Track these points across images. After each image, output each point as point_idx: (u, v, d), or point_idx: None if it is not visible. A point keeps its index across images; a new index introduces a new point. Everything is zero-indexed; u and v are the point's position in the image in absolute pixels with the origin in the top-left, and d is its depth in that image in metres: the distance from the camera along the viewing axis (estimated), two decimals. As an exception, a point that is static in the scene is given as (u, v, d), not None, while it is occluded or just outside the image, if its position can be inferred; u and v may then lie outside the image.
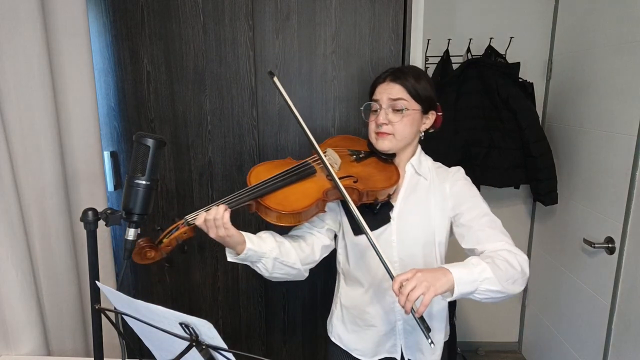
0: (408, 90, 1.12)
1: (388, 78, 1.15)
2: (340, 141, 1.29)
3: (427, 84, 1.16)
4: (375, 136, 1.16)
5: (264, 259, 1.07)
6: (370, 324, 1.24)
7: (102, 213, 0.92)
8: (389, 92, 1.13)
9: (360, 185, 1.11)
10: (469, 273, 0.94)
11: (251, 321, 1.77)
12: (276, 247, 1.08)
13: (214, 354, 0.74)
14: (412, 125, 1.14)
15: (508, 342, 2.70)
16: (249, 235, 1.06)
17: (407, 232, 1.17)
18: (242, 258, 1.05)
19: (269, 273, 1.10)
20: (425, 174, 1.19)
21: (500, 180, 2.21)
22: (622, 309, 1.69)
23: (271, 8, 1.52)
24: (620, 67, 1.73)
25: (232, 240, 1.02)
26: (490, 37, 2.25)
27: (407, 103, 1.12)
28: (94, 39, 1.52)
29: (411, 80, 1.13)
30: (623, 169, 1.67)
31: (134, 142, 0.92)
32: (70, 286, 1.36)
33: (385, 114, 1.13)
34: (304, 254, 1.14)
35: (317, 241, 1.18)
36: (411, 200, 1.18)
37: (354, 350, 1.28)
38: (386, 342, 1.25)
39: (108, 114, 1.61)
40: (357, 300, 1.25)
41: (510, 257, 1.02)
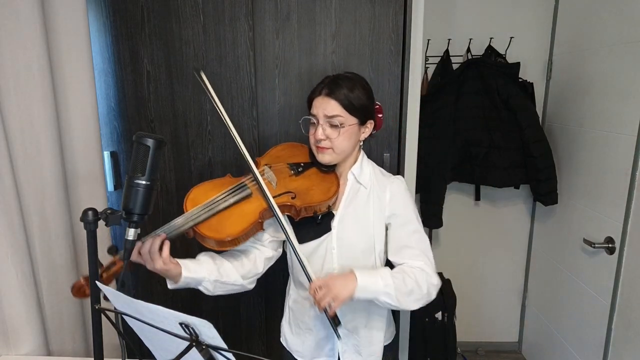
0: (343, 105, 1.11)
1: (323, 92, 1.12)
2: (281, 152, 1.28)
3: (363, 92, 1.14)
4: (316, 150, 1.17)
5: (204, 282, 1.08)
6: (308, 328, 1.27)
7: (102, 213, 0.92)
8: (324, 108, 1.12)
9: (298, 201, 1.13)
10: (374, 284, 1.06)
11: (251, 321, 1.77)
12: (215, 269, 1.09)
13: (214, 354, 0.74)
14: (350, 138, 1.14)
15: (508, 342, 2.70)
16: (186, 262, 1.06)
17: (347, 240, 1.19)
18: (180, 285, 1.06)
19: (211, 293, 1.11)
20: (365, 183, 1.20)
21: (500, 180, 2.21)
22: (622, 309, 1.69)
23: (271, 8, 1.52)
24: (620, 67, 1.73)
25: (170, 273, 1.02)
26: (490, 37, 2.25)
27: (343, 119, 1.11)
28: (94, 39, 1.52)
29: (346, 92, 1.11)
30: (623, 169, 1.67)
31: (134, 142, 0.92)
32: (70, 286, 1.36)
33: (322, 130, 1.13)
34: (244, 270, 1.15)
35: (260, 254, 1.20)
36: (351, 208, 1.20)
37: (295, 352, 1.32)
38: (325, 345, 1.28)
39: (108, 114, 1.61)
40: (301, 302, 1.28)
41: (421, 279, 1.11)
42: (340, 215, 1.20)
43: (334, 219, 1.19)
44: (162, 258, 1.00)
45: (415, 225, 1.18)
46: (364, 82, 1.17)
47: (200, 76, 1.13)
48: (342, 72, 1.18)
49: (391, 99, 1.57)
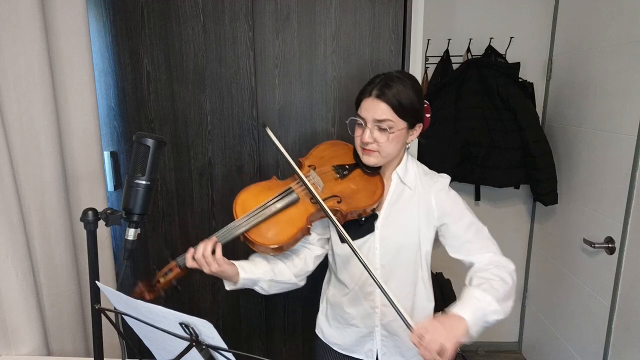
0: (394, 109, 1.07)
1: (374, 93, 1.08)
2: (324, 151, 1.26)
3: (414, 94, 1.10)
4: (362, 151, 1.15)
5: (260, 282, 1.13)
6: (351, 324, 1.27)
7: (102, 213, 0.92)
8: (374, 112, 1.08)
9: (344, 205, 1.13)
10: (481, 311, 0.99)
11: (251, 321, 1.77)
12: (269, 269, 1.14)
13: (214, 354, 0.74)
14: (397, 143, 1.12)
15: (508, 342, 2.70)
16: (242, 264, 1.11)
17: (390, 240, 1.18)
18: (238, 286, 1.12)
19: (266, 292, 1.16)
20: (410, 183, 1.18)
21: (500, 180, 2.21)
22: (622, 309, 1.69)
23: (271, 8, 1.52)
24: (620, 67, 1.73)
25: (227, 274, 1.07)
26: (490, 37, 2.26)
27: (392, 123, 1.08)
28: (94, 39, 1.52)
29: (397, 95, 1.07)
30: (623, 169, 1.67)
31: (133, 142, 0.92)
32: (70, 286, 1.36)
33: (370, 133, 1.10)
34: (296, 269, 1.18)
35: (310, 253, 1.22)
36: (395, 209, 1.19)
37: (334, 344, 1.32)
38: (364, 344, 1.28)
39: (108, 114, 1.61)
40: (340, 299, 1.28)
41: (503, 273, 1.07)
42: (384, 216, 1.18)
43: (377, 219, 1.18)
44: (216, 260, 1.04)
45: (469, 218, 1.15)
46: (415, 82, 1.13)
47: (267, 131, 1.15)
48: (392, 72, 1.13)
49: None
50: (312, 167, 1.20)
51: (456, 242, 1.16)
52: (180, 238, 1.69)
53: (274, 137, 1.14)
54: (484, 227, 1.16)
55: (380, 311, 1.22)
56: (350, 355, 1.31)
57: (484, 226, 1.16)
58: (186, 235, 1.69)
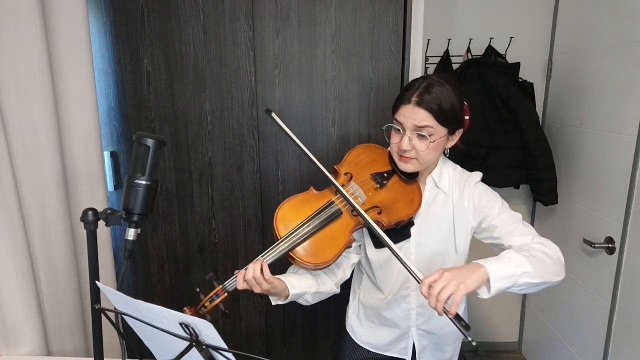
0: (435, 117, 1.03)
1: (414, 100, 1.03)
2: (359, 157, 1.22)
3: (457, 101, 1.06)
4: (399, 158, 1.12)
5: (306, 295, 1.14)
6: (385, 325, 1.27)
7: (102, 213, 0.92)
8: (413, 118, 1.03)
9: (385, 217, 1.11)
10: (505, 267, 0.90)
11: (251, 321, 1.77)
12: (314, 282, 1.15)
13: (214, 354, 0.74)
14: (437, 150, 1.09)
15: (508, 342, 2.70)
16: (288, 279, 1.10)
17: (425, 245, 1.17)
18: (287, 301, 1.12)
19: (309, 304, 1.17)
20: (444, 188, 1.16)
21: (500, 180, 2.21)
22: (622, 309, 1.69)
23: (271, 8, 1.52)
24: (620, 67, 1.73)
25: (276, 290, 1.07)
26: (490, 37, 2.25)
27: (433, 130, 1.04)
28: (94, 39, 1.52)
29: (439, 103, 1.02)
30: (623, 169, 1.67)
31: (133, 142, 0.92)
32: (70, 286, 1.36)
33: (409, 140, 1.06)
34: (337, 278, 1.20)
35: (347, 261, 1.23)
36: (430, 214, 1.17)
37: (365, 343, 1.31)
38: (398, 343, 1.27)
39: (108, 114, 1.61)
40: (375, 303, 1.27)
41: (545, 248, 1.00)
42: (419, 222, 1.16)
43: (413, 225, 1.16)
44: (266, 280, 1.03)
45: (502, 206, 1.11)
46: (456, 86, 1.08)
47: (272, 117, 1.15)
48: (432, 76, 1.09)
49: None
50: (348, 176, 1.17)
51: (491, 231, 1.10)
52: (180, 238, 1.69)
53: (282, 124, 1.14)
54: (518, 214, 1.11)
55: (416, 312, 1.22)
56: (382, 354, 1.30)
57: (517, 213, 1.11)
58: (186, 235, 1.69)
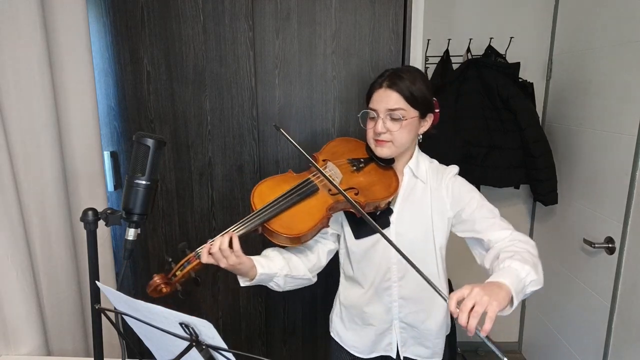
0: (405, 98, 1.11)
1: (385, 84, 1.12)
2: (337, 147, 1.28)
3: (424, 85, 1.14)
4: (375, 143, 1.17)
5: (276, 277, 1.10)
6: (368, 323, 1.27)
7: (102, 213, 0.92)
8: (386, 102, 1.11)
9: (362, 197, 1.13)
10: (519, 281, 0.91)
11: (251, 321, 1.77)
12: (285, 264, 1.12)
13: (214, 354, 0.74)
14: (410, 132, 1.14)
15: (508, 342, 2.70)
16: (258, 259, 1.09)
17: (405, 235, 1.18)
18: (254, 282, 1.09)
19: (281, 288, 1.14)
20: (422, 177, 1.20)
21: (500, 180, 2.21)
22: (622, 309, 1.69)
23: (271, 8, 1.52)
24: (620, 67, 1.73)
25: (244, 268, 1.04)
26: (490, 37, 2.25)
27: (404, 112, 1.11)
28: (94, 39, 1.52)
29: (408, 85, 1.10)
30: (623, 169, 1.67)
31: (133, 142, 0.92)
32: (70, 286, 1.36)
33: (383, 123, 1.12)
34: (310, 263, 1.18)
35: (323, 248, 1.22)
36: (409, 203, 1.20)
37: (351, 347, 1.31)
38: (382, 340, 1.28)
39: (108, 114, 1.61)
40: (355, 300, 1.27)
41: (528, 247, 1.02)
42: (399, 211, 1.19)
43: (392, 214, 1.19)
44: (234, 252, 1.00)
45: (480, 200, 1.14)
46: (424, 75, 1.17)
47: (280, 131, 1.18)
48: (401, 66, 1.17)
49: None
50: (326, 162, 1.22)
51: (470, 224, 1.13)
52: (180, 238, 1.69)
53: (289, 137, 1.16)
54: (496, 209, 1.14)
55: (398, 304, 1.23)
56: (368, 358, 1.30)
57: (495, 208, 1.14)
58: (186, 235, 1.69)
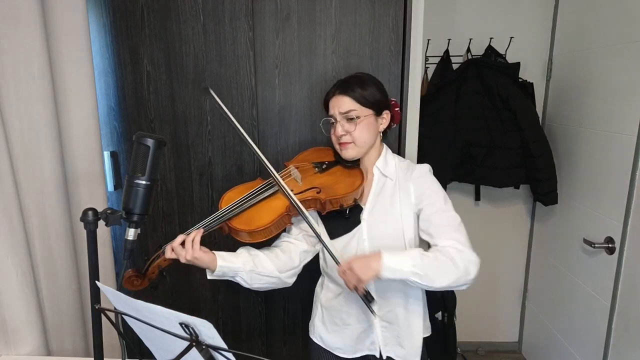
0: (355, 99, 1.18)
1: (337, 92, 1.21)
2: (308, 155, 1.37)
3: (374, 87, 1.21)
4: (339, 147, 1.24)
5: (240, 272, 1.15)
6: (347, 323, 1.29)
7: (102, 213, 0.92)
8: (339, 106, 1.20)
9: (323, 194, 1.19)
10: (402, 264, 1.05)
11: (251, 321, 1.77)
12: (249, 260, 1.16)
13: (214, 354, 0.74)
14: (368, 129, 1.21)
15: (508, 342, 2.70)
16: (222, 253, 1.14)
17: (377, 232, 1.22)
18: (218, 275, 1.14)
19: (249, 285, 1.18)
20: (390, 175, 1.25)
21: (500, 180, 2.21)
22: (622, 309, 1.69)
23: (271, 8, 1.52)
24: (620, 67, 1.73)
25: (202, 261, 1.10)
26: (490, 37, 2.25)
27: (357, 112, 1.19)
28: (94, 39, 1.52)
29: (357, 89, 1.19)
30: (623, 169, 1.67)
31: (133, 142, 0.92)
32: (70, 286, 1.36)
33: (341, 126, 1.20)
34: (281, 262, 1.21)
35: (295, 248, 1.25)
36: (379, 201, 1.24)
37: (335, 349, 1.33)
38: (365, 339, 1.30)
39: (108, 114, 1.61)
40: (334, 300, 1.30)
41: (457, 256, 1.09)
42: (369, 208, 1.24)
43: (362, 212, 1.24)
44: (193, 247, 1.08)
45: (441, 205, 1.19)
46: (374, 78, 1.26)
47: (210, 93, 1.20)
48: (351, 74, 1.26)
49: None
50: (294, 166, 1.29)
51: (427, 225, 1.19)
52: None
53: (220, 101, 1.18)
54: (457, 217, 1.18)
55: (377, 303, 1.24)
56: (353, 357, 1.32)
57: (457, 216, 1.19)
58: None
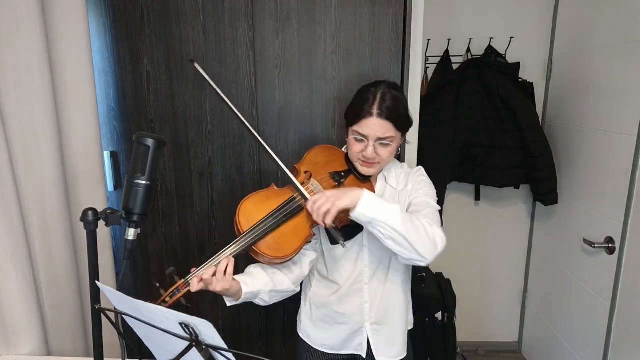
0: (396, 126, 1.13)
1: (375, 112, 1.11)
2: (317, 156, 1.28)
3: (405, 103, 1.18)
4: (361, 164, 1.19)
5: (261, 294, 1.12)
6: (338, 323, 1.30)
7: (102, 213, 0.92)
8: (376, 131, 1.12)
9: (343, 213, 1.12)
10: (380, 204, 1.03)
11: (251, 321, 1.77)
12: (269, 280, 1.13)
13: (214, 354, 0.74)
14: (394, 150, 1.19)
15: (508, 342, 2.70)
16: (242, 278, 1.10)
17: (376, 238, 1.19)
18: (240, 302, 1.10)
19: (267, 303, 1.15)
20: (393, 184, 1.26)
21: (500, 180, 2.21)
22: (622, 309, 1.69)
23: (271, 8, 1.52)
24: (620, 67, 1.73)
25: (233, 291, 1.05)
26: (490, 37, 2.26)
27: (394, 138, 1.15)
28: (94, 39, 1.52)
29: (396, 110, 1.12)
30: (623, 169, 1.67)
31: (133, 142, 0.92)
32: (70, 286, 1.36)
33: (373, 148, 1.14)
34: (294, 275, 1.19)
35: (305, 258, 1.24)
36: None
37: (320, 346, 1.34)
38: (353, 339, 1.31)
39: (108, 114, 1.61)
40: (327, 299, 1.30)
41: (428, 227, 1.09)
42: None
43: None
44: (225, 277, 1.01)
45: (426, 200, 1.20)
46: (402, 93, 1.23)
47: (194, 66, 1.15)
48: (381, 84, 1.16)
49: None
50: (308, 174, 1.22)
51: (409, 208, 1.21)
52: (180, 238, 1.69)
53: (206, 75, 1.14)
54: (437, 213, 1.20)
55: (369, 305, 1.26)
56: (338, 354, 1.33)
57: (437, 212, 1.20)
58: (186, 235, 1.69)
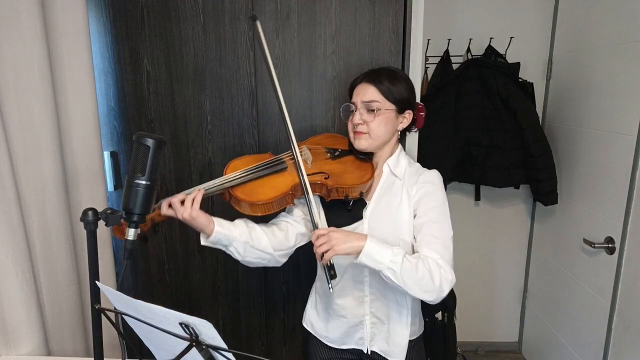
0: (381, 92, 1.16)
1: (364, 80, 1.19)
2: (322, 139, 1.34)
3: (404, 84, 1.19)
4: (353, 135, 1.22)
5: (235, 242, 1.12)
6: (339, 315, 1.29)
7: (102, 213, 0.92)
8: (362, 94, 1.18)
9: (331, 181, 1.17)
10: (381, 255, 1.03)
11: (251, 321, 1.77)
12: (246, 231, 1.14)
13: (214, 354, 0.74)
14: (386, 124, 1.18)
15: (508, 342, 2.70)
16: (220, 220, 1.12)
17: (378, 230, 1.20)
18: (213, 241, 1.11)
19: (242, 257, 1.15)
20: (400, 175, 1.23)
21: (500, 180, 2.21)
22: (622, 309, 1.69)
23: (271, 8, 1.52)
24: (620, 67, 1.73)
25: (199, 222, 1.07)
26: (490, 37, 2.25)
27: (379, 104, 1.16)
28: (94, 39, 1.52)
29: (385, 82, 1.16)
30: (623, 169, 1.67)
31: (133, 142, 0.92)
32: (70, 286, 1.36)
33: (359, 115, 1.18)
34: (276, 240, 1.19)
35: (292, 228, 1.24)
36: (384, 199, 1.22)
37: (323, 337, 1.35)
38: (354, 333, 1.30)
39: (108, 114, 1.61)
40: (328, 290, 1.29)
41: (435, 271, 1.06)
42: (373, 206, 1.22)
43: (366, 208, 1.22)
44: (193, 206, 1.06)
45: (436, 216, 1.16)
46: (406, 76, 1.25)
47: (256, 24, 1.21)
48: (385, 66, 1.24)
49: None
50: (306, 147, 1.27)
51: (416, 230, 1.17)
52: (180, 238, 1.69)
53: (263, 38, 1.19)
54: (450, 232, 1.16)
55: (369, 299, 1.25)
56: (341, 348, 1.33)
57: (450, 231, 1.16)
58: (186, 235, 1.69)
